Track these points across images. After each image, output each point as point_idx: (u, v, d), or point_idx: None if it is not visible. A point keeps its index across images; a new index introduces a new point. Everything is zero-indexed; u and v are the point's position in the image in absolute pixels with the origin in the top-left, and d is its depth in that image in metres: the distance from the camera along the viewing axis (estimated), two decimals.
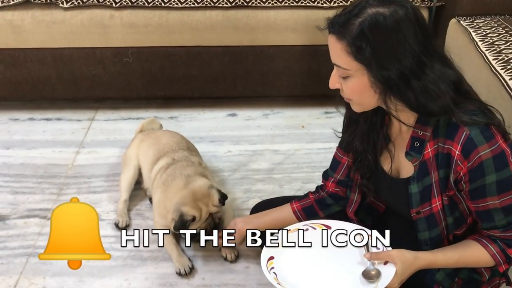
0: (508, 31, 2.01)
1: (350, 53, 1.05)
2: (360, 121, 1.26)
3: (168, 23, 2.20)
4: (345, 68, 1.08)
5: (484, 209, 1.13)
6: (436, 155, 1.14)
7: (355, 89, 1.11)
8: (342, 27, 1.05)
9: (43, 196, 1.96)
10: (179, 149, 1.85)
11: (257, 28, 2.23)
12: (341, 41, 1.06)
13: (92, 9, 2.19)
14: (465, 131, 1.07)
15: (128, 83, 2.37)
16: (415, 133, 1.16)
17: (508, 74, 1.74)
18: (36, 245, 1.74)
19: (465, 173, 1.10)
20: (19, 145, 2.25)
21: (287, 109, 2.51)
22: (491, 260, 1.17)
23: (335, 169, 1.43)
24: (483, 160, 1.07)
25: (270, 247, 1.30)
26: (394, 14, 1.03)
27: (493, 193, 1.10)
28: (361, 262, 1.21)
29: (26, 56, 2.28)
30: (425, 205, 1.20)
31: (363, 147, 1.28)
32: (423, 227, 1.22)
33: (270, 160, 2.16)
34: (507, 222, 1.14)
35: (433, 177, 1.16)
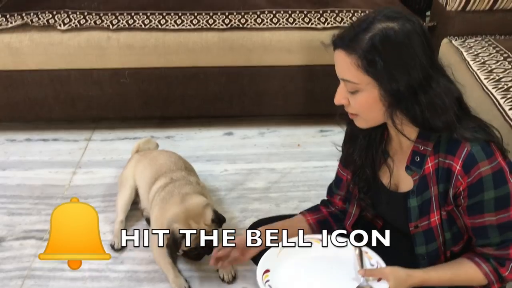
0: (498, 51, 2.05)
1: (361, 67, 1.06)
2: (360, 136, 1.27)
3: (165, 45, 2.23)
4: (355, 82, 1.09)
5: (480, 225, 1.15)
6: (436, 170, 1.16)
7: (364, 104, 1.11)
8: (351, 41, 1.06)
9: (40, 217, 1.95)
10: (177, 169, 1.85)
11: (253, 49, 2.26)
12: (351, 55, 1.07)
13: (90, 31, 2.21)
14: (467, 147, 1.09)
15: (125, 103, 2.39)
16: (416, 148, 1.17)
17: (499, 93, 1.77)
18: (32, 267, 1.74)
19: (465, 188, 1.11)
20: (15, 166, 2.25)
21: (283, 128, 2.53)
22: (483, 278, 1.17)
23: (339, 185, 1.44)
24: (483, 176, 1.08)
25: (266, 259, 1.31)
26: (403, 28, 1.05)
27: (490, 209, 1.12)
28: (356, 278, 1.22)
29: (23, 77, 2.30)
30: (424, 219, 1.21)
31: (361, 161, 1.29)
32: (420, 241, 1.23)
33: (267, 178, 2.17)
34: (501, 241, 1.15)
35: (433, 192, 1.17)
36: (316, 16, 2.26)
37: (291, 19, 2.25)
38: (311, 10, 2.28)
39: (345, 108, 1.17)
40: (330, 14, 2.27)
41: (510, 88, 1.78)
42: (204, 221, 1.58)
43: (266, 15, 2.26)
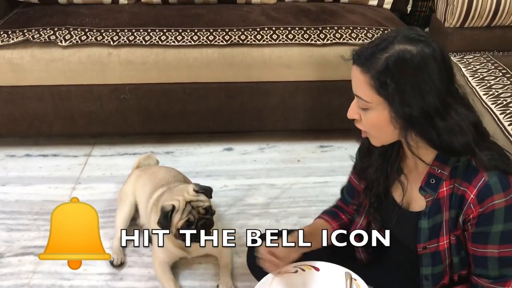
0: (497, 67, 2.06)
1: (373, 86, 1.05)
2: (376, 152, 1.26)
3: (165, 61, 2.24)
4: (366, 101, 1.08)
5: (481, 255, 1.14)
6: (450, 195, 1.15)
7: (374, 122, 1.11)
8: (367, 60, 1.06)
9: (39, 233, 1.94)
10: (175, 181, 1.86)
11: (253, 65, 2.27)
12: (365, 74, 1.06)
13: (90, 47, 2.23)
14: (484, 176, 1.07)
15: (125, 119, 2.39)
16: (432, 170, 1.16)
17: (498, 109, 1.78)
18: (31, 284, 1.72)
19: (475, 217, 1.11)
20: (15, 182, 2.25)
21: (283, 143, 2.53)
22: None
23: (352, 195, 1.43)
24: (495, 208, 1.08)
25: (261, 286, 1.31)
26: (421, 52, 1.03)
27: (495, 242, 1.11)
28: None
29: (24, 93, 2.31)
30: (433, 241, 1.20)
31: (375, 177, 1.28)
32: (427, 262, 1.23)
33: (266, 194, 2.16)
34: (500, 275, 1.14)
35: (445, 216, 1.17)
36: (316, 32, 2.27)
37: (291, 35, 2.26)
38: (311, 27, 2.30)
39: (356, 124, 1.16)
40: (330, 30, 2.28)
41: (509, 104, 1.79)
42: (188, 192, 1.62)
43: (266, 31, 2.28)
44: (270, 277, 1.35)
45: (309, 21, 2.33)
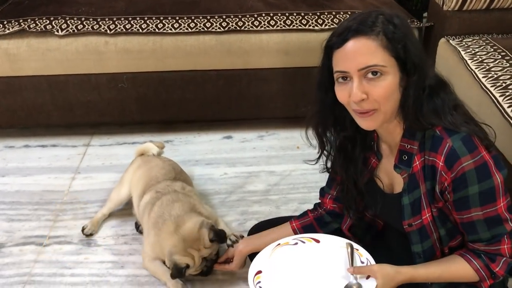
0: (496, 49, 2.05)
1: (386, 46, 1.06)
2: (335, 152, 1.29)
3: (162, 49, 2.23)
4: (383, 65, 1.06)
5: (468, 221, 1.15)
6: (423, 168, 1.16)
7: (388, 89, 1.08)
8: (365, 26, 1.07)
9: (39, 223, 1.95)
10: (163, 180, 1.81)
11: (250, 51, 2.26)
12: (372, 37, 1.06)
13: (87, 36, 2.21)
14: (448, 142, 1.09)
15: (123, 108, 2.39)
16: (402, 147, 1.18)
17: (498, 91, 1.77)
18: (32, 273, 1.73)
19: (449, 183, 1.11)
20: (14, 173, 2.24)
21: (282, 131, 2.52)
22: (474, 275, 1.17)
23: (330, 186, 1.46)
24: (466, 171, 1.08)
25: (258, 260, 1.33)
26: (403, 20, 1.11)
27: (476, 204, 1.11)
28: (345, 276, 1.24)
29: (21, 83, 2.30)
30: (417, 217, 1.21)
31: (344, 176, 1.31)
32: (416, 239, 1.24)
33: (266, 181, 2.16)
34: (491, 236, 1.15)
35: (422, 189, 1.18)
36: (313, 18, 2.26)
37: (288, 21, 2.25)
38: (308, 12, 2.28)
39: (360, 105, 1.10)
40: (327, 15, 2.27)
41: (508, 86, 1.78)
42: (204, 245, 1.55)
43: (264, 17, 2.26)
44: (269, 249, 1.36)
45: (307, 7, 2.32)
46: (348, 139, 1.26)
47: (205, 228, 1.57)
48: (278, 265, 1.32)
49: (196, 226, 1.57)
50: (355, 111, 1.13)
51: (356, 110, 1.12)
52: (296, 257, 1.34)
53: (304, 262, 1.33)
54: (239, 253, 1.54)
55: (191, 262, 1.55)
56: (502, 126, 1.67)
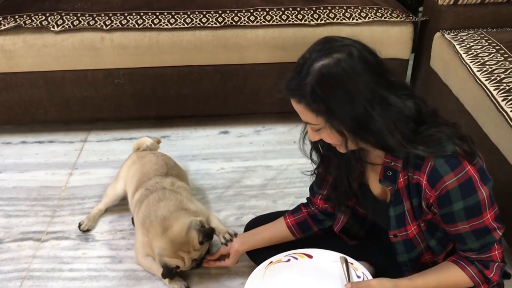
0: (491, 43, 2.06)
1: (312, 111, 1.09)
2: (330, 155, 1.28)
3: (159, 44, 2.23)
4: (315, 124, 1.12)
5: (456, 233, 1.16)
6: (407, 186, 1.18)
7: (332, 138, 1.13)
8: (297, 90, 1.09)
9: (37, 218, 1.95)
10: (154, 176, 1.81)
11: (247, 46, 2.26)
12: (300, 102, 1.10)
13: (83, 32, 2.21)
14: (430, 161, 1.10)
15: (120, 104, 2.39)
16: (386, 163, 1.19)
17: (492, 85, 1.78)
18: (30, 268, 1.73)
19: (434, 200, 1.13)
20: (11, 169, 2.25)
21: (279, 125, 2.53)
22: (469, 281, 1.18)
23: (320, 186, 1.45)
24: (449, 189, 1.09)
25: (251, 283, 1.31)
26: (337, 62, 1.04)
27: (462, 218, 1.13)
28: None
29: (17, 79, 2.30)
30: (401, 230, 1.23)
31: (337, 175, 1.31)
32: (401, 250, 1.26)
33: (263, 176, 2.17)
34: (481, 245, 1.16)
35: (406, 206, 1.20)
36: (309, 13, 2.26)
37: (284, 16, 2.25)
38: (304, 7, 2.29)
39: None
40: (323, 10, 2.27)
41: (503, 80, 1.79)
42: (193, 247, 1.55)
43: (259, 12, 2.26)
44: (262, 267, 1.35)
45: (303, 2, 2.32)
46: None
47: (193, 230, 1.55)
48: (273, 284, 1.30)
49: (183, 228, 1.56)
50: None
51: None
52: (290, 275, 1.33)
53: (299, 279, 1.31)
54: (235, 252, 1.55)
55: (181, 264, 1.56)
56: (497, 120, 1.68)
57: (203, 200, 2.02)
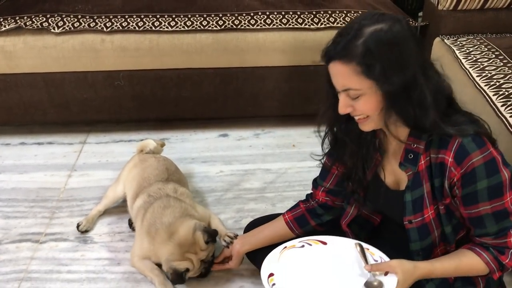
0: (490, 48, 2.07)
1: (361, 73, 1.07)
2: (347, 140, 1.28)
3: (159, 47, 2.23)
4: (357, 89, 1.10)
5: (476, 215, 1.16)
6: (428, 167, 1.18)
7: (369, 105, 1.12)
8: (345, 50, 1.08)
9: (35, 220, 1.95)
10: (155, 181, 1.81)
11: (247, 50, 2.27)
12: (349, 64, 1.08)
13: (84, 34, 2.22)
14: (458, 139, 1.12)
15: (120, 106, 2.39)
16: (408, 146, 1.20)
17: (491, 90, 1.79)
18: (29, 270, 1.73)
19: (458, 179, 1.13)
20: (10, 170, 2.24)
21: (278, 129, 2.53)
22: (485, 267, 1.19)
23: (324, 178, 1.45)
24: (475, 166, 1.11)
25: (268, 264, 1.30)
26: (392, 28, 1.07)
27: (484, 199, 1.14)
28: (362, 274, 1.22)
29: (17, 81, 2.30)
30: (418, 215, 1.22)
31: (352, 164, 1.30)
32: (414, 237, 1.25)
33: (262, 179, 2.17)
34: (499, 229, 1.17)
35: (425, 188, 1.20)
36: (309, 16, 2.27)
37: (285, 20, 2.26)
38: (304, 11, 2.29)
39: (352, 114, 1.17)
40: (323, 14, 2.28)
41: (502, 85, 1.80)
42: (200, 248, 1.56)
43: (260, 16, 2.27)
44: (277, 251, 1.34)
45: (303, 6, 2.33)
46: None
47: (199, 231, 1.57)
48: (289, 267, 1.29)
49: (190, 230, 1.57)
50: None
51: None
52: (306, 259, 1.32)
53: (315, 263, 1.30)
54: (237, 254, 1.55)
55: (190, 266, 1.56)
56: (496, 125, 1.69)
57: (202, 203, 2.02)
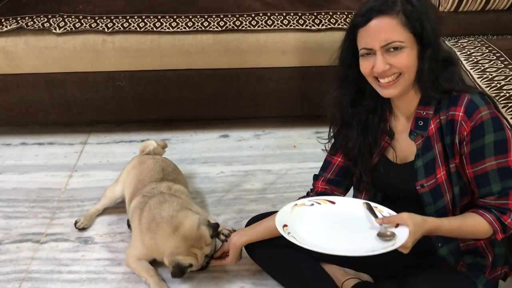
0: (491, 50, 2.07)
1: (404, 24, 1.19)
2: (353, 123, 1.36)
3: (160, 47, 2.23)
4: (401, 41, 1.20)
5: (482, 172, 1.22)
6: (439, 129, 1.27)
7: (408, 59, 1.21)
8: (386, 5, 1.20)
9: (36, 220, 1.95)
10: (149, 182, 1.80)
11: (248, 51, 2.27)
12: (392, 16, 1.19)
13: (85, 34, 2.22)
14: (467, 96, 1.22)
15: (121, 106, 2.39)
16: (418, 114, 1.30)
17: (492, 92, 1.79)
18: (29, 270, 1.73)
19: (468, 133, 1.21)
20: (11, 170, 2.25)
21: (279, 130, 2.54)
22: (489, 228, 1.23)
23: (325, 169, 1.51)
24: (484, 119, 1.19)
25: (281, 217, 1.31)
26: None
27: (490, 153, 1.20)
28: (372, 227, 1.25)
29: (18, 81, 2.30)
30: (430, 177, 1.28)
31: (358, 149, 1.38)
32: (428, 200, 1.30)
33: (263, 180, 2.18)
34: (502, 188, 1.22)
35: (437, 149, 1.27)
36: (311, 18, 2.27)
37: (286, 21, 2.26)
38: (305, 12, 2.30)
39: (385, 74, 1.23)
40: (324, 15, 2.28)
41: (503, 87, 1.80)
42: (205, 243, 1.56)
43: (261, 17, 2.27)
44: (288, 207, 1.36)
45: (304, 7, 2.33)
46: (368, 110, 1.36)
47: (204, 225, 1.58)
48: (301, 222, 1.31)
49: (195, 224, 1.57)
50: (377, 83, 1.26)
51: (381, 84, 1.25)
52: (317, 215, 1.34)
53: (326, 219, 1.33)
54: (234, 245, 1.55)
55: (194, 261, 1.56)
56: None
57: (202, 204, 2.02)
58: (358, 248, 1.19)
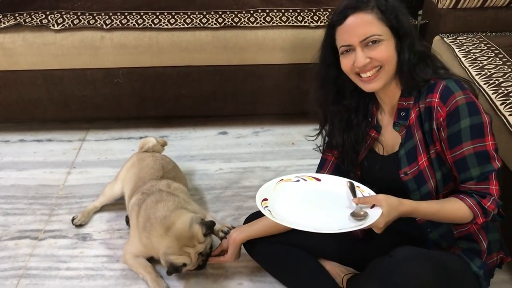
0: (490, 47, 2.07)
1: (380, 18, 1.23)
2: (335, 122, 1.41)
3: (159, 44, 2.23)
4: (379, 35, 1.24)
5: (460, 157, 1.23)
6: (418, 116, 1.29)
7: (387, 51, 1.25)
8: (361, 2, 1.24)
9: (35, 217, 1.95)
10: (149, 180, 1.80)
11: (246, 47, 2.27)
12: (368, 12, 1.23)
13: (83, 31, 2.21)
14: (442, 82, 1.25)
15: (119, 103, 2.39)
16: (400, 105, 1.33)
17: (491, 89, 1.79)
18: (27, 266, 1.73)
19: (444, 118, 1.23)
20: (10, 167, 2.25)
21: (277, 127, 2.54)
22: (469, 212, 1.23)
23: (322, 166, 1.54)
24: (458, 105, 1.21)
25: (263, 190, 1.35)
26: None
27: (467, 138, 1.21)
28: (350, 206, 1.28)
29: (17, 78, 2.30)
30: (413, 165, 1.30)
31: (343, 146, 1.42)
32: (413, 187, 1.32)
33: (261, 177, 2.18)
34: (481, 173, 1.22)
35: (417, 137, 1.30)
36: (309, 14, 2.27)
37: (284, 17, 2.26)
38: (304, 9, 2.29)
39: (366, 68, 1.26)
40: (323, 12, 2.28)
41: (501, 84, 1.80)
42: (198, 241, 1.56)
43: (260, 13, 2.27)
44: (273, 182, 1.38)
45: (303, 3, 2.33)
46: (350, 109, 1.40)
47: (196, 224, 1.57)
48: (282, 196, 1.34)
49: (186, 223, 1.57)
50: (359, 79, 1.29)
51: (363, 79, 1.29)
52: (299, 191, 1.37)
53: (307, 195, 1.36)
54: (233, 242, 1.55)
55: (187, 260, 1.55)
56: (495, 124, 1.68)
57: (201, 201, 2.02)
58: (326, 226, 1.21)
